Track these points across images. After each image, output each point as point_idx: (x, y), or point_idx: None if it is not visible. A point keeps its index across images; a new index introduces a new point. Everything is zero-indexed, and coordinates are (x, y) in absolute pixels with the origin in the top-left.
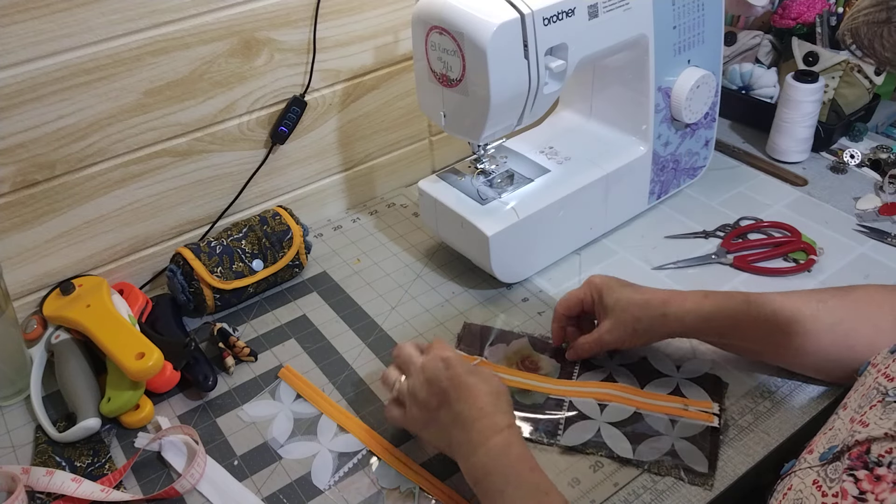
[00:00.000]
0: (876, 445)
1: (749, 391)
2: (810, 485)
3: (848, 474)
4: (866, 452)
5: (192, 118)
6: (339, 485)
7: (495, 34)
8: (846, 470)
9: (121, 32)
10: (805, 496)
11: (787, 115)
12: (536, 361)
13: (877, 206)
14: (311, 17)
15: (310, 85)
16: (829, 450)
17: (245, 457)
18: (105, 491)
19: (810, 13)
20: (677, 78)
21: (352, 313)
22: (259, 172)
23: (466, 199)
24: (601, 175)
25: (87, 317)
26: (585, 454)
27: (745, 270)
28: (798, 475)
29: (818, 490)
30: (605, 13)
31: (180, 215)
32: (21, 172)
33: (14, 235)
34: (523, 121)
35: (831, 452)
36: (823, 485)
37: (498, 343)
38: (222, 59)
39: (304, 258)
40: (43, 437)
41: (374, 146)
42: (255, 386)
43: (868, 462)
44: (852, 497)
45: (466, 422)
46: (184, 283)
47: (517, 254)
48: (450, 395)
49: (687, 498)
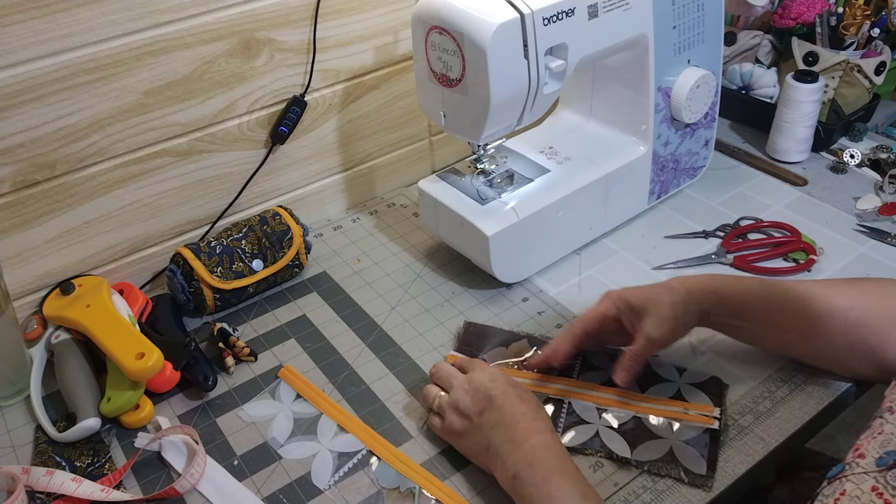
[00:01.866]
0: None
1: (749, 391)
2: (869, 491)
3: None
4: None
5: (192, 118)
6: (339, 485)
7: (495, 34)
8: None
9: (121, 32)
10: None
11: (787, 115)
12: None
13: (877, 206)
14: (311, 17)
15: (310, 85)
16: (887, 454)
17: (245, 457)
18: (105, 491)
19: (810, 13)
20: (677, 78)
21: (352, 313)
22: (259, 172)
23: (466, 199)
24: (601, 175)
25: (87, 317)
26: (584, 454)
27: (745, 270)
28: (852, 480)
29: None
30: (604, 13)
31: (180, 215)
32: (21, 172)
33: (14, 235)
34: (523, 121)
35: (891, 458)
36: (885, 492)
37: (498, 343)
38: (222, 59)
39: (304, 258)
40: (43, 437)
41: (374, 146)
42: (255, 386)
43: None
44: None
45: (510, 423)
46: (184, 283)
47: (517, 254)
48: (495, 400)
49: (687, 498)
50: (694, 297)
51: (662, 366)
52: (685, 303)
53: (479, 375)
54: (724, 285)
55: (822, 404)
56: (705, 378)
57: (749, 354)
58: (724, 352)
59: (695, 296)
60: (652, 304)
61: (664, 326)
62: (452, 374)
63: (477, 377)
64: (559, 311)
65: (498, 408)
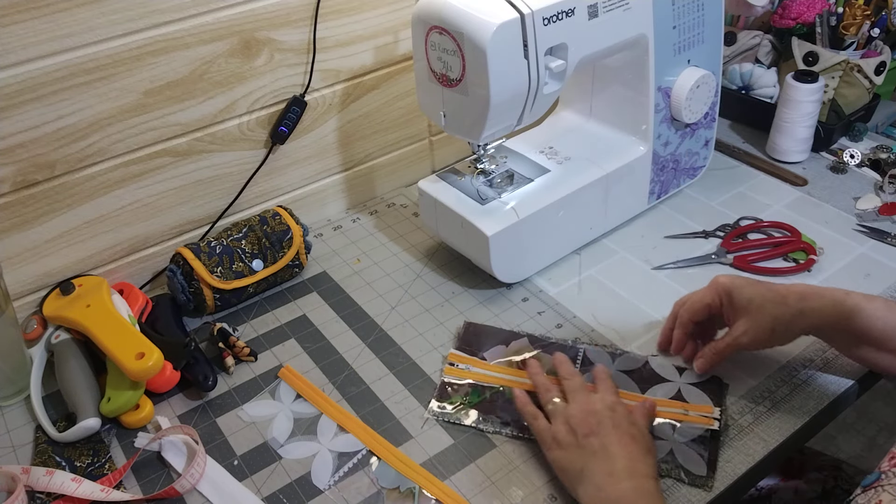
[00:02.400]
0: None
1: (749, 391)
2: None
3: None
4: None
5: (192, 118)
6: (339, 485)
7: (495, 34)
8: None
9: (121, 32)
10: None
11: (787, 115)
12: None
13: (877, 206)
14: (311, 17)
15: (310, 85)
16: None
17: (245, 457)
18: (105, 491)
19: (810, 13)
20: (677, 78)
21: (352, 313)
22: (259, 172)
23: (466, 199)
24: (601, 175)
25: (87, 317)
26: None
27: (745, 270)
28: (889, 491)
29: None
30: (604, 13)
31: (180, 215)
32: (21, 172)
33: (14, 235)
34: (523, 121)
35: None
36: None
37: (498, 342)
38: (222, 59)
39: (304, 258)
40: (43, 437)
41: (374, 146)
42: (255, 386)
43: None
44: None
45: (613, 456)
46: (184, 283)
47: (517, 254)
48: (605, 429)
49: (687, 498)
50: (807, 318)
51: (664, 366)
52: (790, 322)
53: (602, 399)
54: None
55: (822, 404)
56: (705, 378)
57: (749, 354)
58: None
59: (808, 317)
60: (754, 310)
61: (757, 336)
62: (579, 388)
63: (598, 400)
64: (559, 311)
65: (605, 436)
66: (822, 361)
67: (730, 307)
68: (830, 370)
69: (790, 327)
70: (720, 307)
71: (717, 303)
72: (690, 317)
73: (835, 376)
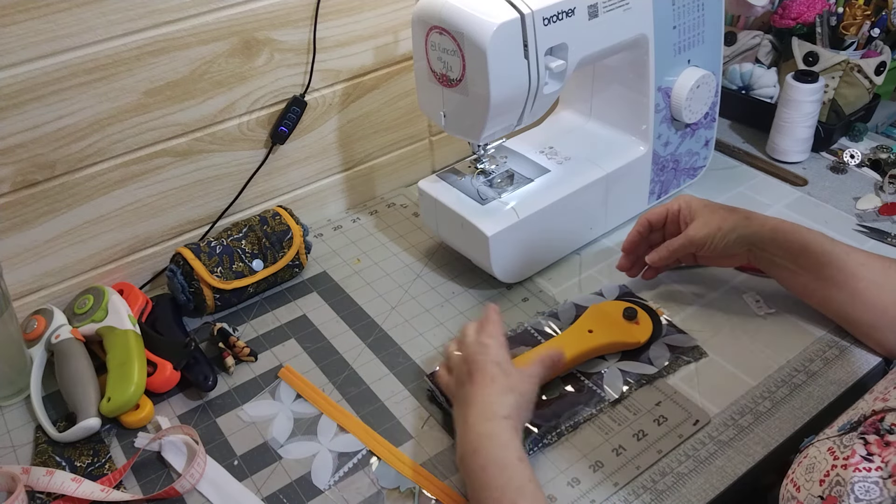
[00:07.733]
0: (891, 415)
1: (749, 391)
2: (825, 451)
3: (859, 438)
4: (880, 421)
5: (192, 118)
6: (339, 485)
7: (495, 34)
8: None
9: (121, 32)
10: (818, 461)
11: (787, 115)
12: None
13: (877, 206)
14: (311, 17)
15: (310, 85)
16: (849, 423)
17: (245, 457)
18: (105, 491)
19: (810, 13)
20: (677, 78)
21: (352, 313)
22: (259, 172)
23: (466, 199)
24: (601, 175)
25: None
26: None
27: (745, 270)
28: (815, 446)
29: (831, 455)
30: (605, 13)
31: (180, 215)
32: (21, 172)
33: (14, 235)
34: (523, 121)
35: (849, 424)
36: (836, 450)
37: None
38: (222, 59)
39: (304, 258)
40: (43, 437)
41: (374, 146)
42: (255, 386)
43: (880, 429)
44: (859, 456)
45: (469, 403)
46: (184, 283)
47: (517, 254)
48: (472, 376)
49: (687, 498)
50: (752, 225)
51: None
52: (736, 224)
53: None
54: (791, 227)
55: (822, 404)
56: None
57: (749, 354)
58: (724, 351)
59: (753, 224)
60: (707, 212)
61: (704, 230)
62: (467, 337)
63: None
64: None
65: (467, 383)
66: (822, 362)
67: (687, 211)
68: (830, 371)
69: (736, 229)
70: (677, 214)
71: (674, 208)
72: (648, 216)
73: (834, 377)
